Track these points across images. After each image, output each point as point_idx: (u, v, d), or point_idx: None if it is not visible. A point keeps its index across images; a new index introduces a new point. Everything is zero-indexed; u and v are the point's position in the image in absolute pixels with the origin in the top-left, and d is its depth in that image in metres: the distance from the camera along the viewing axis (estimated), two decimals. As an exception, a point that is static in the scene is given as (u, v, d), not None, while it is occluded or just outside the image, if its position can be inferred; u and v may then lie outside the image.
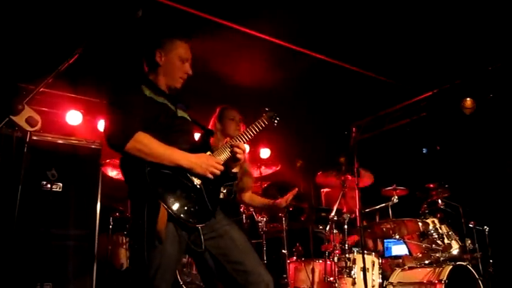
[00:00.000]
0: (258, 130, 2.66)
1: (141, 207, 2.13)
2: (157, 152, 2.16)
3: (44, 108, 6.15)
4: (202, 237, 2.26)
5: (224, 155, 2.50)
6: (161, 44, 2.48)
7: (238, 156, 2.50)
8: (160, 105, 2.37)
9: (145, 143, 2.15)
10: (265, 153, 7.54)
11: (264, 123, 2.70)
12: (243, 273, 2.29)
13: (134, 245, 2.29)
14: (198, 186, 2.29)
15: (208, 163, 2.31)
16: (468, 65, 5.96)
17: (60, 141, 4.53)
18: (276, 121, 2.76)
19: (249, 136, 2.61)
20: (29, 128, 1.69)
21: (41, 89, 1.76)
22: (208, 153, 2.42)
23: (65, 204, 4.36)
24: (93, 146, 4.68)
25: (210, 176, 2.31)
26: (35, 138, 4.24)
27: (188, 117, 2.57)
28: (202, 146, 2.46)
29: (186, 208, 2.20)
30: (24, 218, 3.90)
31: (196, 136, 2.64)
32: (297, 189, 4.14)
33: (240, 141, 2.56)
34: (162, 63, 2.47)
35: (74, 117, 6.38)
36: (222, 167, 2.37)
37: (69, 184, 4.41)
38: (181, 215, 2.17)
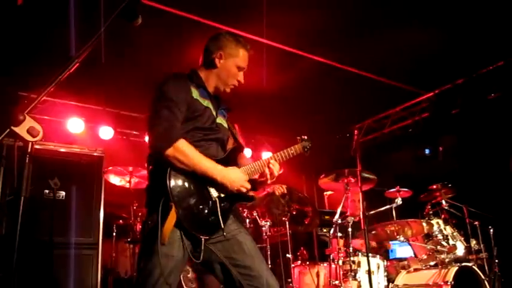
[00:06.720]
0: (288, 157, 2.62)
1: (156, 205, 2.15)
2: (193, 164, 2.19)
3: (45, 117, 6.17)
4: (202, 248, 2.24)
5: (250, 173, 2.46)
6: (224, 46, 2.47)
7: (267, 179, 2.51)
8: (204, 110, 2.39)
9: (185, 154, 2.18)
10: (267, 156, 7.52)
11: (297, 151, 2.66)
12: (248, 278, 2.27)
13: (142, 244, 2.30)
14: (213, 198, 2.29)
15: (240, 182, 2.33)
16: (469, 64, 5.95)
17: (62, 150, 4.52)
18: (308, 151, 2.71)
19: (279, 160, 2.58)
20: (30, 139, 1.68)
21: (42, 98, 1.75)
22: (235, 167, 2.41)
23: (68, 213, 4.35)
24: (95, 154, 4.67)
25: (235, 192, 2.32)
26: (37, 147, 4.21)
27: (226, 124, 2.57)
28: (230, 159, 2.44)
29: (195, 218, 2.20)
30: (28, 227, 3.89)
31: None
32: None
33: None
34: (219, 66, 2.47)
35: (75, 125, 6.41)
36: (249, 187, 2.38)
37: (72, 192, 4.40)
38: (189, 224, 2.17)
